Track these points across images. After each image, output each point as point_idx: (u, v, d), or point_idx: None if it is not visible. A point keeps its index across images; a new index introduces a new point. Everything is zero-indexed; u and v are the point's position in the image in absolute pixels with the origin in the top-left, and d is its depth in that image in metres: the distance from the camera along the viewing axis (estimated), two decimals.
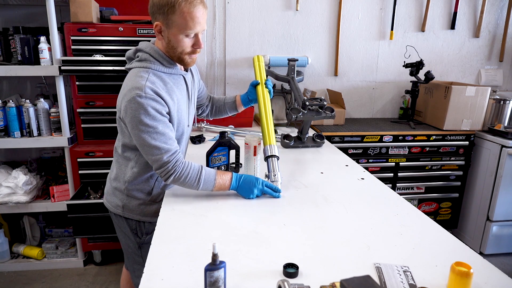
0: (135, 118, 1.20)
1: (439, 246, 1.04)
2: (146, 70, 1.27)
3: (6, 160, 2.69)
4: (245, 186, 1.31)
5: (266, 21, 2.82)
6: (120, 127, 1.36)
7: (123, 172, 1.40)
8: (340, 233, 1.10)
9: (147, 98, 1.19)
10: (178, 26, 1.21)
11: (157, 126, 1.22)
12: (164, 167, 1.24)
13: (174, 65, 1.34)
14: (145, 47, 1.31)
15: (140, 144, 1.25)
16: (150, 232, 1.44)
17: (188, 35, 1.24)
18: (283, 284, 0.75)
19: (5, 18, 2.53)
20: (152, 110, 1.20)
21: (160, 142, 1.22)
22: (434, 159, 2.75)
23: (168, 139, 1.24)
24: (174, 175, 1.25)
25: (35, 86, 2.65)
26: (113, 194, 1.45)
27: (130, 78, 1.26)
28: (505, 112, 2.68)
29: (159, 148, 1.22)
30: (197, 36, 1.27)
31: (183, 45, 1.26)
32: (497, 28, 3.07)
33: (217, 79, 2.90)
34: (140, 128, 1.21)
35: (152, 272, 0.89)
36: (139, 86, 1.20)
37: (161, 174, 1.26)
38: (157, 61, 1.29)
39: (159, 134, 1.22)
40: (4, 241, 2.49)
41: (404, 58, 2.97)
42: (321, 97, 2.02)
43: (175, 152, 1.25)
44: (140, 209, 1.42)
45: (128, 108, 1.21)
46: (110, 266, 2.58)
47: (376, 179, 1.57)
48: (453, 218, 2.91)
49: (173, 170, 1.24)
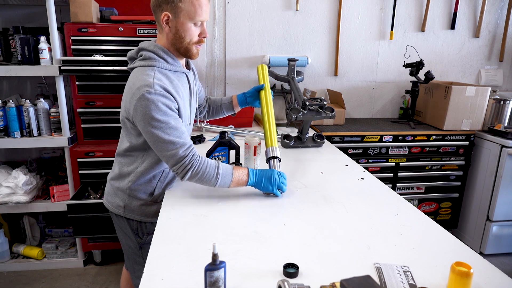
0: (146, 115, 1.20)
1: (439, 246, 1.04)
2: (151, 68, 1.26)
3: (6, 160, 2.68)
4: (263, 182, 1.29)
5: (266, 21, 2.82)
6: (125, 127, 1.35)
7: (127, 172, 1.40)
8: (340, 233, 1.10)
9: (157, 94, 1.19)
10: (187, 14, 1.23)
11: (169, 121, 1.21)
12: (181, 162, 1.22)
13: (178, 62, 1.34)
14: (148, 46, 1.31)
15: (153, 141, 1.23)
16: (151, 232, 1.43)
17: (196, 23, 1.26)
18: (283, 284, 0.75)
19: (5, 18, 2.53)
20: (162, 106, 1.20)
21: (174, 136, 1.21)
22: (434, 159, 2.75)
23: (181, 133, 1.24)
24: (192, 170, 1.23)
25: (35, 86, 2.65)
26: (115, 194, 1.44)
27: (136, 77, 1.25)
28: (505, 112, 2.68)
29: (173, 142, 1.21)
30: (203, 25, 1.30)
31: (191, 33, 1.27)
32: (497, 28, 3.07)
33: (217, 79, 2.90)
34: (152, 124, 1.20)
35: (152, 272, 0.89)
36: (147, 84, 1.20)
37: (178, 170, 1.24)
38: (161, 58, 1.30)
39: (172, 128, 1.21)
40: (4, 241, 2.49)
41: (404, 58, 2.97)
42: (321, 97, 2.02)
43: (190, 146, 1.24)
44: (142, 210, 1.42)
45: (138, 106, 1.20)
46: (110, 266, 2.58)
47: (376, 179, 1.57)
48: (453, 218, 2.91)
49: (190, 165, 1.23)
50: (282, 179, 1.32)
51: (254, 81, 2.92)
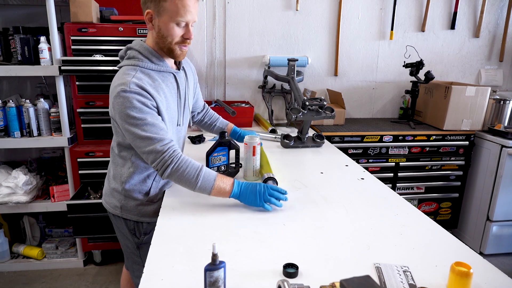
0: (122, 113, 1.20)
1: (439, 246, 1.04)
2: (134, 68, 1.27)
3: (6, 160, 2.68)
4: (247, 195, 1.22)
5: (266, 21, 2.82)
6: (113, 126, 1.36)
7: (120, 172, 1.40)
8: (340, 233, 1.10)
9: (132, 92, 1.19)
10: (169, 14, 1.21)
11: (146, 118, 1.20)
12: (160, 158, 1.19)
13: (163, 62, 1.34)
14: (135, 45, 1.32)
15: (132, 139, 1.23)
16: (148, 232, 1.44)
17: (178, 24, 1.24)
18: (283, 284, 0.75)
19: (5, 18, 2.53)
20: (138, 103, 1.20)
21: (151, 133, 1.20)
22: (434, 159, 2.75)
23: (159, 129, 1.22)
24: (172, 167, 1.19)
25: (35, 86, 2.65)
26: (111, 195, 1.45)
27: (118, 76, 1.27)
28: (505, 112, 2.68)
29: (150, 138, 1.19)
30: (187, 26, 1.26)
31: (173, 33, 1.25)
32: (497, 28, 3.07)
33: (217, 79, 2.90)
34: (129, 121, 1.20)
35: (152, 272, 0.89)
36: (124, 82, 1.21)
37: (158, 166, 1.21)
38: (146, 58, 1.30)
39: (149, 125, 1.20)
40: (4, 241, 2.48)
41: (404, 58, 2.97)
42: (321, 97, 2.02)
43: (169, 142, 1.21)
44: (138, 210, 1.42)
45: (115, 104, 1.21)
46: (110, 266, 2.58)
47: (376, 179, 1.57)
48: (453, 218, 2.91)
49: (170, 160, 1.19)
50: (271, 191, 1.22)
51: (254, 81, 2.92)
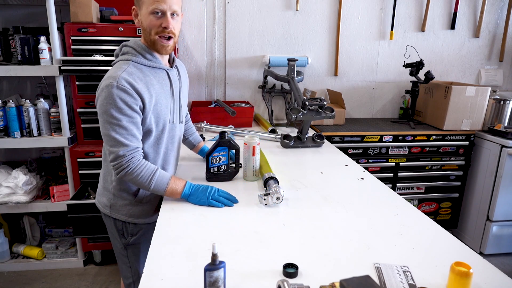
0: (102, 106, 1.22)
1: (439, 246, 1.04)
2: (126, 62, 1.29)
3: (6, 160, 2.68)
4: (197, 194, 1.28)
5: (266, 21, 2.82)
6: None
7: (110, 171, 1.40)
8: (340, 233, 1.10)
9: (119, 88, 1.21)
10: (146, 4, 1.25)
11: (122, 120, 1.22)
12: (118, 160, 1.24)
13: (156, 58, 1.35)
14: (129, 42, 1.35)
15: (102, 132, 1.26)
16: (135, 234, 1.45)
17: (154, 12, 1.26)
18: (282, 284, 0.75)
19: (5, 18, 2.53)
20: (120, 102, 1.21)
21: (121, 136, 1.23)
22: (434, 159, 2.75)
23: (130, 135, 1.25)
24: (127, 170, 1.24)
25: (35, 86, 2.65)
26: (102, 193, 1.46)
27: (110, 70, 1.29)
28: (505, 112, 2.68)
29: (118, 140, 1.23)
30: (165, 16, 1.27)
31: (150, 23, 1.28)
32: (497, 28, 3.07)
33: (217, 79, 2.90)
34: (105, 117, 1.23)
35: (152, 272, 0.89)
36: (114, 76, 1.22)
37: (114, 166, 1.26)
38: (139, 54, 1.32)
39: (122, 128, 1.23)
40: (4, 241, 2.48)
41: (404, 58, 2.97)
42: (321, 97, 2.02)
43: (134, 149, 1.25)
44: (127, 210, 1.42)
45: (100, 96, 1.24)
46: (110, 266, 2.58)
47: (376, 179, 1.57)
48: (453, 218, 2.91)
49: (126, 165, 1.24)
50: (221, 194, 1.29)
51: (254, 81, 2.92)
